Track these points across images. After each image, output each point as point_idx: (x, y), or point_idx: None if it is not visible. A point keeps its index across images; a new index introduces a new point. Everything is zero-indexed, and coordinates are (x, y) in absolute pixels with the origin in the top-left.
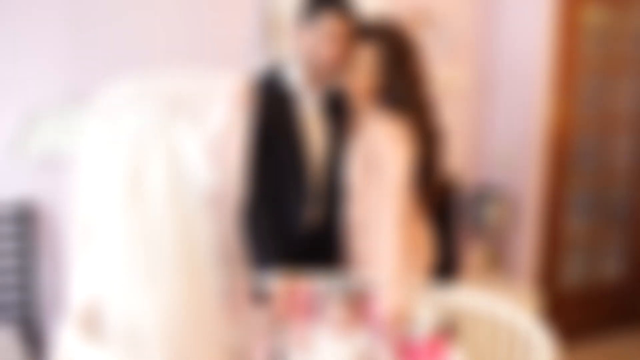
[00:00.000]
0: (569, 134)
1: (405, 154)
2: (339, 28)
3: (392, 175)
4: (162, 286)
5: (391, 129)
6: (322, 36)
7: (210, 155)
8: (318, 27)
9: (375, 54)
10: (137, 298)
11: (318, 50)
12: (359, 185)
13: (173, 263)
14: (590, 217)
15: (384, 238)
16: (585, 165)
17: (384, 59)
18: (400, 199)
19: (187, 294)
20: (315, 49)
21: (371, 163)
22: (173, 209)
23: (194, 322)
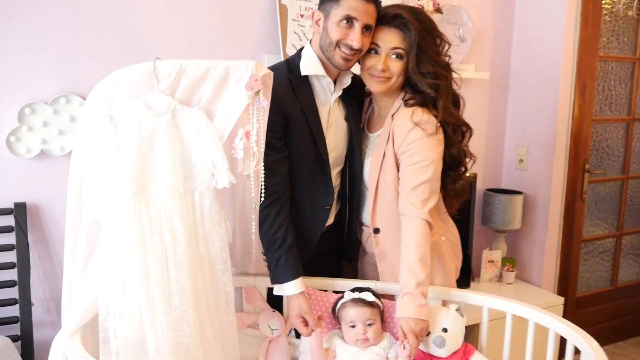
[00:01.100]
0: (590, 131)
1: (436, 146)
2: (368, 12)
3: (420, 170)
4: (173, 293)
5: (418, 119)
6: (353, 18)
7: (224, 145)
8: (347, 7)
9: (399, 39)
10: (146, 306)
11: (347, 34)
12: (381, 181)
13: (184, 270)
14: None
15: (406, 241)
16: (607, 165)
17: (408, 43)
18: (429, 195)
19: (200, 302)
20: (345, 33)
21: (393, 158)
22: (182, 208)
23: (208, 334)
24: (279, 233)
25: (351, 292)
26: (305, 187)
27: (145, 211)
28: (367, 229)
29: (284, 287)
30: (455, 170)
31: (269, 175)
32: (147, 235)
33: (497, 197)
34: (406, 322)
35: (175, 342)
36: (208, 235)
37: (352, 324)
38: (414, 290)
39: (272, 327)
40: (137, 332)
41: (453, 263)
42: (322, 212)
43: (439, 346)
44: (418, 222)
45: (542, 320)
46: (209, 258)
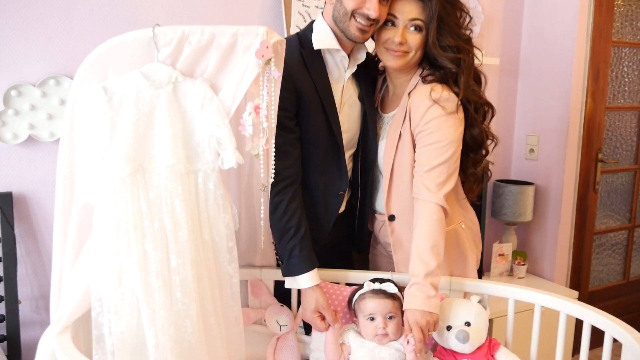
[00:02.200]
0: (603, 119)
1: (456, 125)
2: None
3: (437, 151)
4: (175, 285)
5: (437, 96)
6: None
7: (231, 121)
8: None
9: (419, 9)
10: (144, 300)
11: (364, 2)
12: (397, 164)
13: (186, 259)
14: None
15: (418, 227)
16: (619, 155)
17: (428, 14)
18: (446, 178)
19: (204, 295)
20: (361, 2)
21: (410, 139)
22: (185, 190)
23: (212, 331)
24: (293, 221)
25: (371, 282)
26: (318, 171)
27: (144, 194)
28: (380, 216)
29: (298, 279)
30: (476, 152)
31: (280, 158)
32: (145, 220)
33: (508, 188)
34: (412, 315)
35: (177, 339)
36: (213, 221)
37: (372, 316)
38: (423, 280)
39: (280, 322)
40: (135, 328)
41: (473, 252)
42: (335, 198)
43: (462, 341)
44: (432, 207)
45: (575, 311)
46: (213, 246)
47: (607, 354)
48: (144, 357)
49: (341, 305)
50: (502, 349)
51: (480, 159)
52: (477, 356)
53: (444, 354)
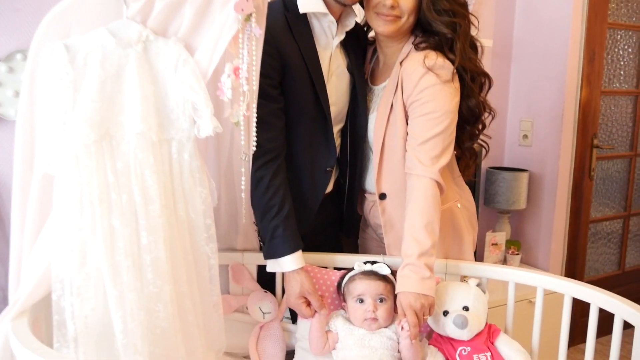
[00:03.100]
0: (599, 103)
1: (451, 95)
2: None
3: (432, 122)
4: (145, 265)
5: (431, 63)
6: None
7: (208, 84)
8: None
9: None
10: (111, 281)
11: None
12: (388, 138)
13: (158, 237)
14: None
15: (411, 203)
16: (614, 141)
17: None
18: (441, 152)
19: (179, 277)
20: None
21: (402, 110)
22: (156, 161)
23: (188, 317)
24: (276, 199)
25: (362, 264)
26: (304, 145)
27: (110, 163)
28: (370, 196)
29: (281, 262)
30: (473, 125)
31: (263, 129)
32: (112, 192)
33: (501, 175)
34: (405, 298)
35: (148, 325)
36: (188, 195)
37: (361, 297)
38: (416, 260)
39: (263, 310)
40: (100, 313)
41: (470, 234)
42: (322, 175)
43: (461, 327)
44: (426, 182)
45: (581, 294)
46: (189, 224)
47: (617, 338)
48: (111, 344)
49: (329, 290)
50: (502, 336)
51: (477, 132)
52: (476, 343)
53: (441, 342)
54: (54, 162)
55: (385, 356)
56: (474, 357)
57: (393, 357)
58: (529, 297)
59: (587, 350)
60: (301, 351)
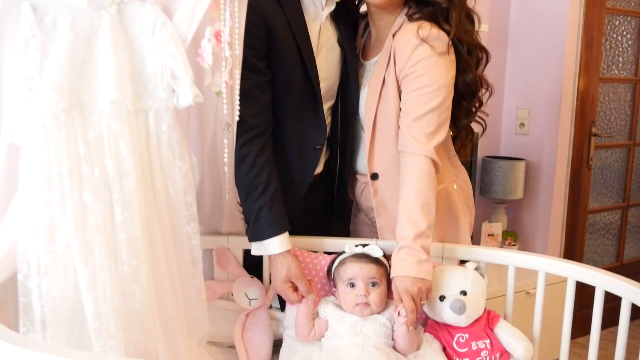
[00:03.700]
0: (597, 90)
1: (446, 67)
2: None
3: (426, 97)
4: (120, 244)
5: (426, 34)
6: None
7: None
8: None
9: None
10: (82, 260)
11: None
12: (380, 114)
13: (134, 213)
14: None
15: (405, 183)
16: (612, 130)
17: None
18: (436, 128)
19: (157, 257)
20: None
21: (395, 84)
22: (132, 132)
23: (167, 301)
24: (261, 177)
25: (353, 246)
26: (292, 121)
27: (81, 133)
28: (362, 177)
29: (266, 244)
30: (470, 101)
31: (248, 104)
32: (83, 165)
33: (498, 164)
34: (401, 282)
35: (122, 309)
36: (167, 170)
37: (352, 281)
38: (412, 242)
39: (249, 296)
40: (71, 294)
41: (466, 216)
42: (312, 153)
43: (458, 312)
44: (421, 159)
45: (586, 277)
46: (168, 201)
47: (624, 324)
48: (82, 328)
49: (319, 275)
50: (502, 322)
51: (473, 109)
52: (475, 330)
53: (437, 329)
54: (20, 131)
55: (379, 344)
56: (472, 344)
57: (387, 345)
58: (527, 288)
59: (592, 336)
60: (289, 340)
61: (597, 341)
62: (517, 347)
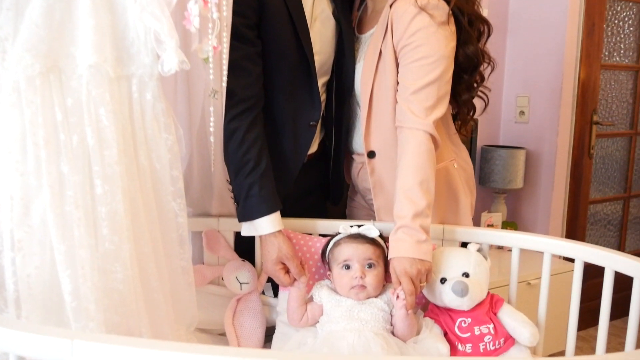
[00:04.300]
0: (599, 77)
1: (446, 38)
2: None
3: (425, 69)
4: (100, 219)
5: (424, 2)
6: None
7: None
8: None
9: None
10: (59, 235)
11: None
12: (376, 89)
13: (115, 187)
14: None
15: (403, 159)
16: (614, 119)
17: None
18: (435, 102)
19: (141, 235)
20: None
21: (392, 56)
22: (114, 100)
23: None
24: (251, 153)
25: (348, 227)
26: (285, 95)
27: (59, 99)
28: (359, 157)
29: (256, 224)
30: (471, 74)
31: (237, 75)
32: (60, 133)
33: (497, 152)
34: (399, 264)
35: (104, 288)
36: (151, 142)
37: (347, 263)
38: (411, 222)
39: (240, 280)
40: (47, 272)
41: (467, 197)
42: (306, 130)
43: (460, 294)
44: (419, 135)
45: (594, 257)
46: (152, 174)
47: (636, 304)
48: (60, 308)
49: (313, 259)
50: (506, 306)
51: (475, 83)
52: (477, 314)
53: (438, 313)
54: None
55: (377, 329)
56: (474, 329)
57: (385, 330)
58: (528, 278)
59: (600, 318)
60: (282, 325)
61: (606, 322)
62: (523, 332)
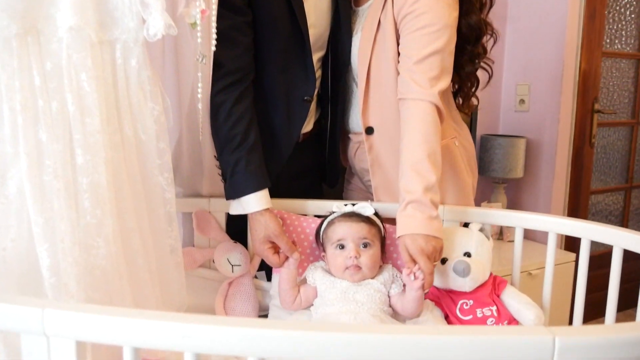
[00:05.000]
0: (600, 65)
1: (449, 6)
2: None
3: (429, 37)
4: (82, 190)
5: None
6: None
7: None
8: None
9: None
10: (37, 207)
11: None
12: (374, 62)
13: (98, 157)
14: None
15: (408, 132)
16: (615, 108)
17: None
18: (440, 72)
19: (125, 209)
20: None
21: (392, 26)
22: (96, 65)
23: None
24: (239, 127)
25: (342, 205)
26: (277, 68)
27: (37, 63)
28: (355, 136)
29: (243, 201)
30: (474, 45)
31: (225, 46)
32: (39, 99)
33: (497, 141)
34: (413, 241)
35: (85, 265)
36: (136, 111)
37: (341, 242)
38: (422, 196)
39: (232, 262)
40: (24, 245)
41: (469, 177)
42: (300, 106)
43: (462, 274)
44: (425, 106)
45: (601, 235)
46: (138, 146)
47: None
48: (38, 284)
49: (308, 240)
50: (509, 288)
51: (479, 54)
52: (480, 296)
53: (438, 296)
54: None
55: (374, 310)
56: (477, 311)
57: (382, 312)
58: (529, 269)
59: (609, 296)
60: (276, 309)
61: (615, 300)
62: (527, 315)
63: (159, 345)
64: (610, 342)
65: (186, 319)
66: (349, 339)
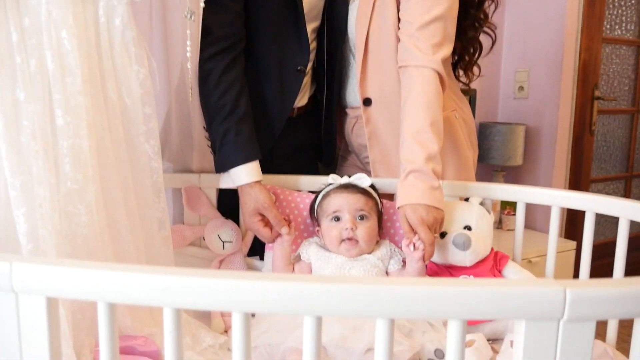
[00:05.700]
0: (600, 51)
1: None
2: None
3: (431, 2)
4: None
5: None
6: None
7: None
8: None
9: None
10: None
11: None
12: (373, 31)
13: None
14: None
15: (410, 100)
16: (615, 95)
17: None
18: (442, 39)
19: (108, 177)
20: None
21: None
22: (78, 23)
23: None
24: (228, 97)
25: (338, 177)
26: (270, 37)
27: (15, 19)
28: (353, 111)
29: (233, 173)
30: (477, 9)
31: (214, 11)
32: (16, 56)
33: (496, 128)
34: (414, 211)
35: (66, 233)
36: (120, 73)
37: (337, 214)
38: (424, 166)
39: (223, 238)
40: (2, 211)
41: (470, 151)
42: (293, 76)
43: (462, 247)
44: (427, 73)
45: (606, 207)
46: (122, 110)
47: None
48: (16, 252)
49: (302, 215)
50: (510, 264)
51: (482, 19)
52: (480, 271)
53: (437, 271)
54: None
55: None
56: None
57: None
58: (529, 256)
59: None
60: None
61: (623, 257)
62: None
63: (136, 300)
64: (621, 294)
65: (166, 271)
66: (339, 289)
